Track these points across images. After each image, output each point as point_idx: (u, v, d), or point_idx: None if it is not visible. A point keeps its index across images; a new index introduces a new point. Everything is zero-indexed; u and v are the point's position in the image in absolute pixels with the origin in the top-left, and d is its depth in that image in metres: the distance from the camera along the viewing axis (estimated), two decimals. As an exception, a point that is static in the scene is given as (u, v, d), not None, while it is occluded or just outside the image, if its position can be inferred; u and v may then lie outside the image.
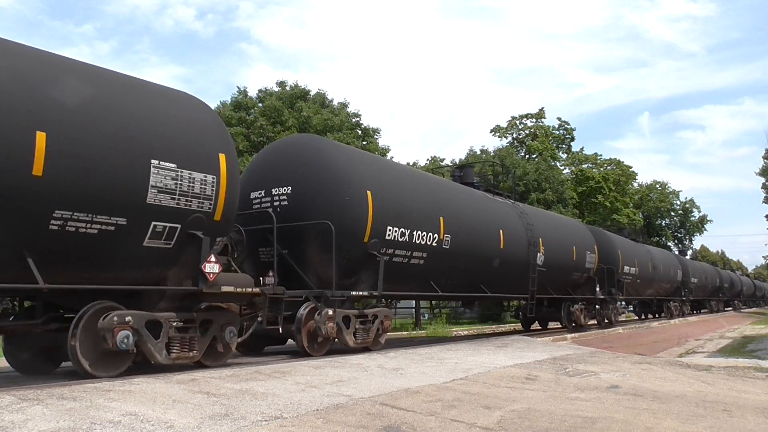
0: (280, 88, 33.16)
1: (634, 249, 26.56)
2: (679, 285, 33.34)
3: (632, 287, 25.65)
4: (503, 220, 15.42)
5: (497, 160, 42.41)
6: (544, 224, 17.90)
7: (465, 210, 13.98)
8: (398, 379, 7.34)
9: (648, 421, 5.58)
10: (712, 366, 10.50)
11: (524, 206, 18.52)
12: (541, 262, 16.62)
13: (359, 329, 10.75)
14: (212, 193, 7.94)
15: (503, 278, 15.30)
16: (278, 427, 4.75)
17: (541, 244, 16.73)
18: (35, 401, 5.13)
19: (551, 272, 17.30)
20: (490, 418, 5.44)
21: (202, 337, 8.10)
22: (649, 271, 27.47)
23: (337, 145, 12.03)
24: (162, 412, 5.02)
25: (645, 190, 70.32)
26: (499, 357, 10.20)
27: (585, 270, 19.96)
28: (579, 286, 20.05)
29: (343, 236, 10.10)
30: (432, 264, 12.34)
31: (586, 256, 19.86)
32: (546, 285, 17.28)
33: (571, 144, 56.92)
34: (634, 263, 25.18)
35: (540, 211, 21.26)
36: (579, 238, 20.12)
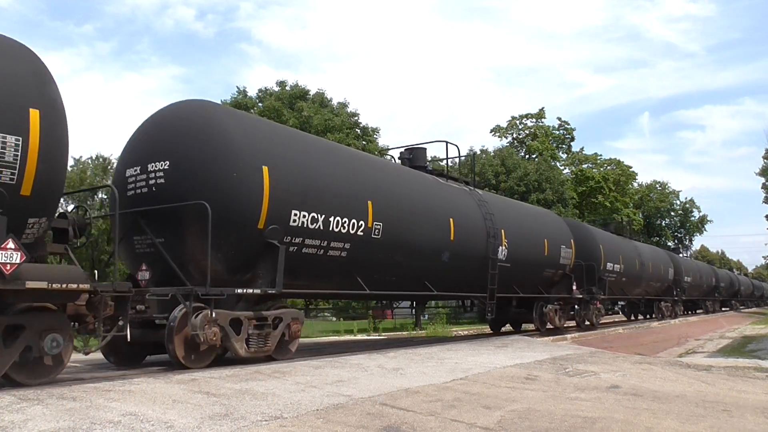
0: (280, 88, 33.18)
1: (619, 244, 24.56)
2: (671, 284, 31.13)
3: (617, 286, 23.55)
4: (456, 208, 13.46)
5: (498, 160, 42.39)
6: (508, 214, 16.03)
7: (403, 195, 12.00)
8: (398, 379, 7.34)
9: (648, 421, 5.58)
10: (712, 366, 10.50)
11: (485, 194, 16.33)
12: (503, 257, 14.75)
13: (254, 335, 8.83)
14: (15, 159, 6.18)
15: (455, 274, 13.40)
16: (278, 427, 4.75)
17: (503, 237, 14.85)
18: (35, 401, 5.13)
19: (517, 268, 15.51)
20: (490, 418, 5.44)
21: (7, 349, 6.29)
22: (636, 269, 25.37)
23: (230, 112, 9.94)
24: (162, 412, 5.02)
25: (645, 190, 70.34)
26: (499, 357, 10.20)
27: (559, 266, 18.04)
28: (553, 285, 18.23)
29: (230, 221, 8.41)
30: (358, 256, 10.55)
31: (560, 250, 17.95)
32: (511, 282, 15.55)
33: (571, 144, 56.96)
34: (619, 260, 23.08)
35: (505, 200, 18.71)
36: (552, 230, 18.18)
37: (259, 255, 8.89)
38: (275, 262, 8.88)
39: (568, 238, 18.85)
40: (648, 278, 27.25)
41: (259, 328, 8.93)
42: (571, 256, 18.62)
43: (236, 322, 8.60)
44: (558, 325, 17.87)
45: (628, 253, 24.94)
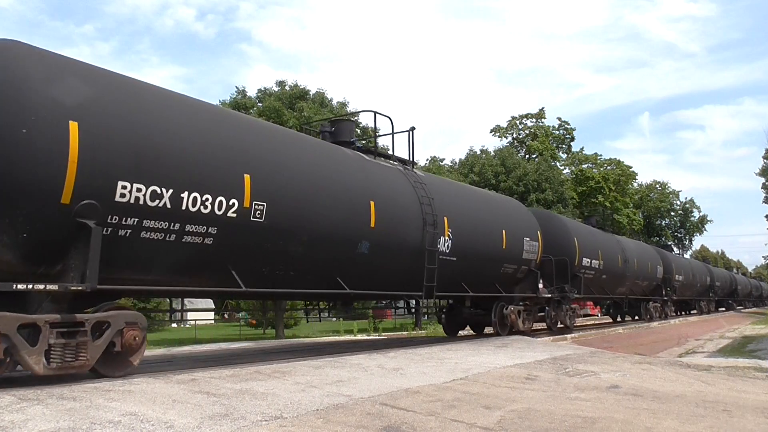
0: (280, 88, 33.17)
1: (599, 238, 22.17)
2: (660, 283, 28.90)
3: (596, 284, 21.12)
4: (379, 190, 11.09)
5: (498, 160, 42.41)
6: (454, 199, 13.67)
7: (301, 170, 9.54)
8: (398, 379, 7.34)
9: (648, 421, 5.58)
10: (712, 366, 10.50)
11: (428, 176, 14.08)
12: (446, 249, 12.52)
13: (58, 346, 6.49)
14: None
15: (380, 269, 11.16)
16: (278, 427, 4.75)
17: (446, 225, 12.56)
18: (35, 401, 5.13)
19: (466, 263, 13.28)
20: (490, 418, 5.44)
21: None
22: (619, 266, 23.05)
23: (37, 54, 7.12)
24: (162, 412, 5.02)
25: (645, 190, 70.42)
26: (499, 357, 10.19)
27: (523, 261, 15.74)
28: (517, 283, 16.00)
29: (19, 193, 6.33)
30: (232, 245, 8.28)
31: (523, 243, 15.71)
32: (459, 279, 13.47)
33: (571, 144, 57.06)
34: (598, 255, 20.65)
35: (451, 183, 16.28)
36: (514, 220, 15.85)
37: (69, 240, 6.68)
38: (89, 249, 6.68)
39: (535, 229, 16.60)
40: (633, 276, 25.00)
41: (69, 337, 6.65)
42: (537, 249, 16.37)
43: (33, 329, 6.40)
44: (522, 328, 15.62)
45: (610, 248, 22.65)
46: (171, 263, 7.87)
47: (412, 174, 12.57)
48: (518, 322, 15.45)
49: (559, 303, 18.00)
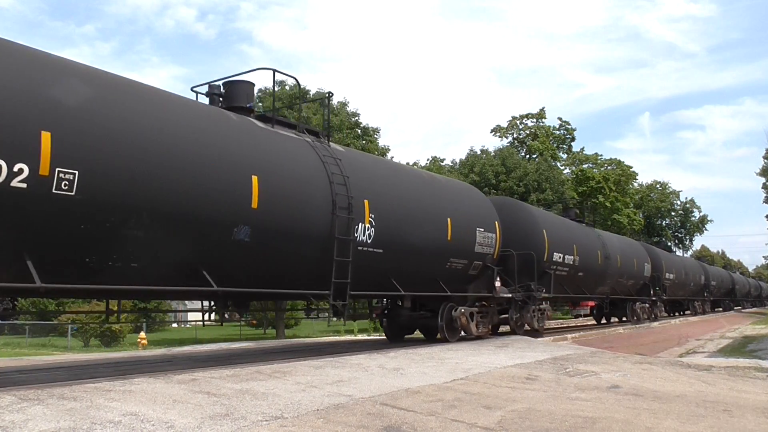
0: (280, 88, 33.21)
1: (574, 231, 19.76)
2: (648, 282, 26.63)
3: (570, 282, 18.79)
4: (268, 163, 8.90)
5: (498, 160, 42.41)
6: (381, 180, 11.38)
7: (141, 133, 7.24)
8: (399, 379, 7.34)
9: (648, 421, 5.58)
10: (712, 366, 10.50)
11: (347, 150, 11.77)
12: (367, 239, 10.39)
13: None
14: None
15: (267, 262, 9.05)
16: (279, 427, 4.75)
17: (367, 210, 10.44)
18: (36, 401, 5.13)
19: (396, 256, 11.17)
20: (490, 418, 5.44)
21: None
22: (599, 262, 20.71)
23: None
24: (162, 412, 5.02)
25: (645, 191, 70.42)
26: (499, 357, 10.19)
27: (475, 256, 13.56)
28: (470, 280, 13.88)
29: None
30: (24, 225, 6.31)
31: (476, 235, 13.48)
32: (387, 275, 11.32)
33: (571, 144, 57.08)
34: (572, 250, 18.40)
35: (378, 160, 13.73)
36: (463, 207, 13.60)
37: None
38: None
39: (492, 219, 14.41)
40: (616, 274, 22.67)
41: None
42: (494, 242, 14.19)
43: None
44: (475, 332, 13.74)
45: (588, 242, 20.37)
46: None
47: (324, 147, 10.31)
48: (470, 326, 13.54)
49: (526, 305, 15.90)
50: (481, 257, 13.78)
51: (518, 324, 16.00)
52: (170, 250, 7.75)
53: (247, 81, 10.18)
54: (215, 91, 9.86)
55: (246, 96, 10.06)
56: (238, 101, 9.83)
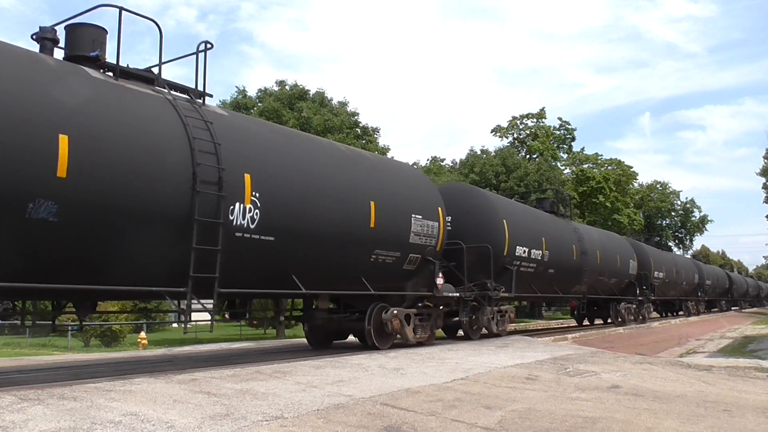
0: (279, 88, 33.23)
1: (543, 224, 17.67)
2: (634, 280, 24.67)
3: (539, 280, 16.80)
4: (91, 122, 6.95)
5: (498, 160, 42.42)
6: (271, 149, 9.23)
7: None
8: (399, 379, 7.34)
9: (648, 421, 5.58)
10: (712, 366, 10.50)
11: (230, 114, 9.80)
12: (251, 223, 8.42)
13: None
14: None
15: (88, 250, 7.07)
16: (279, 427, 4.75)
17: (248, 187, 8.40)
18: (36, 401, 5.13)
19: (292, 245, 9.16)
20: (490, 418, 5.44)
21: None
22: (574, 258, 18.73)
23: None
24: (163, 412, 5.02)
25: (645, 190, 70.43)
26: (499, 357, 10.20)
27: (410, 248, 11.53)
28: (407, 277, 11.90)
29: None
30: None
31: (411, 222, 11.48)
32: (286, 270, 9.31)
33: (571, 144, 57.10)
34: (540, 243, 16.44)
35: (270, 127, 10.93)
36: (393, 188, 11.51)
37: None
38: None
39: (433, 205, 12.37)
40: (595, 271, 20.42)
41: None
42: (436, 232, 12.17)
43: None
44: (412, 338, 11.81)
45: (560, 236, 18.24)
46: None
47: (192, 108, 8.28)
48: (405, 331, 11.61)
49: (480, 304, 14.18)
50: (418, 249, 11.77)
51: (473, 328, 14.26)
52: None
53: (95, 25, 8.19)
54: (48, 36, 7.78)
55: (91, 43, 8.01)
56: (80, 49, 7.91)
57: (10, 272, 6.39)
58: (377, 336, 11.25)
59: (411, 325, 11.83)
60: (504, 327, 15.34)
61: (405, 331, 11.61)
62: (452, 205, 13.64)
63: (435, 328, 12.82)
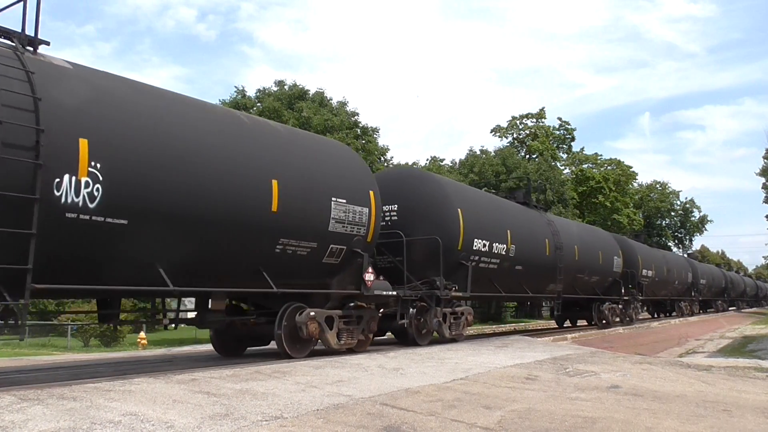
0: (279, 88, 33.23)
1: (510, 214, 15.82)
2: (619, 279, 22.56)
3: (504, 278, 14.96)
4: None
5: (498, 160, 42.43)
6: (125, 110, 7.39)
7: None
8: (398, 379, 7.35)
9: (648, 421, 5.58)
10: (712, 366, 10.50)
11: (72, 66, 7.40)
12: (88, 201, 6.72)
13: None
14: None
15: None
16: (278, 427, 4.76)
17: (84, 155, 6.69)
18: (36, 401, 5.13)
19: (156, 231, 7.52)
20: (490, 418, 5.44)
21: None
22: (547, 254, 16.89)
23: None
24: (162, 412, 5.02)
25: (645, 191, 70.44)
26: (499, 357, 10.20)
27: (331, 238, 9.83)
28: (330, 272, 10.18)
29: None
30: None
31: (330, 207, 9.74)
32: (154, 262, 7.63)
33: (571, 144, 57.07)
34: (504, 237, 14.55)
35: (126, 83, 8.00)
36: (306, 165, 9.66)
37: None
38: None
39: (362, 188, 10.59)
40: (573, 269, 18.55)
41: None
42: (366, 220, 10.43)
43: None
44: (335, 344, 10.06)
45: (530, 229, 16.52)
46: None
47: (10, 55, 6.66)
48: (327, 336, 9.88)
49: (428, 305, 12.35)
50: (342, 239, 10.05)
51: (421, 332, 12.36)
52: None
53: None
54: None
55: None
56: None
57: None
58: (290, 342, 9.49)
59: (334, 330, 10.09)
60: (460, 331, 13.52)
61: (326, 336, 9.93)
62: (399, 192, 12.47)
63: (369, 333, 11.01)
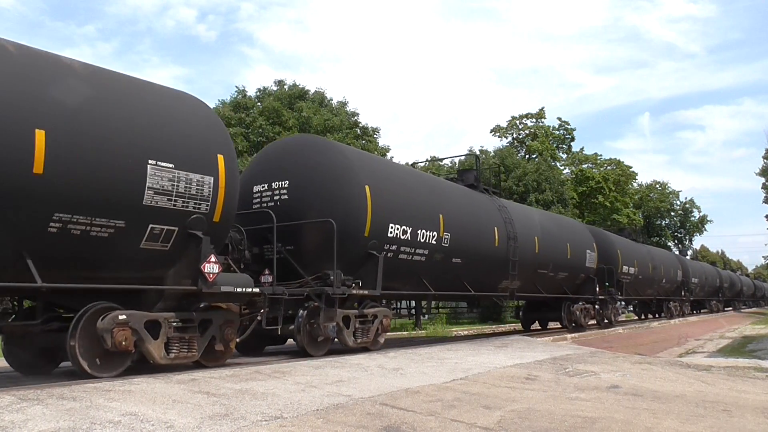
0: (279, 88, 33.22)
1: (442, 195, 13.15)
2: (594, 275, 19.95)
3: (436, 273, 12.53)
4: None
5: (498, 160, 42.44)
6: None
7: None
8: (398, 379, 7.34)
9: (648, 421, 5.58)
10: (712, 366, 10.50)
11: None
12: None
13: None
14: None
15: None
16: (278, 427, 4.75)
17: None
18: (35, 401, 5.13)
19: None
20: (490, 418, 5.44)
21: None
22: (496, 245, 14.49)
23: None
24: (162, 412, 5.02)
25: (645, 191, 70.42)
26: (499, 357, 10.20)
27: (151, 216, 7.32)
28: (151, 263, 7.65)
29: None
30: None
31: (146, 172, 7.21)
32: None
33: (571, 144, 57.00)
34: (435, 223, 12.13)
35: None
36: (86, 111, 6.84)
37: None
38: None
39: (206, 149, 8.06)
40: (532, 263, 16.13)
41: None
42: (211, 193, 7.91)
43: None
44: (160, 359, 7.59)
45: (475, 215, 13.97)
46: None
47: None
48: (150, 348, 7.49)
49: (315, 307, 9.82)
50: (170, 218, 7.54)
51: (314, 339, 9.81)
52: None
53: None
54: None
55: None
56: None
57: None
58: (88, 356, 7.03)
59: (161, 339, 7.57)
60: (370, 338, 10.96)
61: (148, 347, 7.47)
62: (292, 166, 10.24)
63: (224, 342, 8.36)
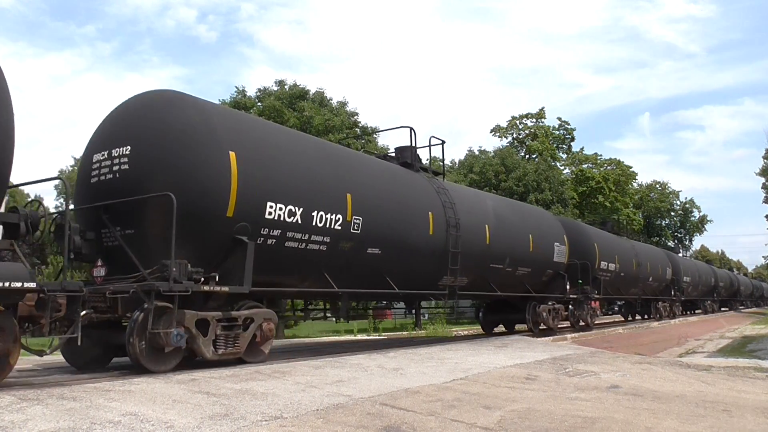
0: (279, 88, 33.23)
1: (348, 168, 10.66)
2: (564, 271, 17.68)
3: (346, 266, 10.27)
4: None
5: (497, 160, 42.44)
6: None
7: None
8: (398, 379, 7.34)
9: (648, 421, 5.58)
10: (712, 366, 10.50)
11: None
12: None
13: None
14: None
15: None
16: (278, 427, 4.75)
17: None
18: (35, 401, 5.13)
19: None
20: (490, 418, 5.44)
21: None
22: (430, 233, 12.17)
23: None
24: (162, 412, 5.02)
25: (645, 191, 70.45)
26: (499, 357, 10.19)
27: None
28: None
29: None
30: None
31: None
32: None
33: (571, 144, 57.02)
34: (342, 205, 9.93)
35: None
36: None
37: None
38: None
39: None
40: (485, 257, 14.03)
41: None
42: None
43: None
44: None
45: (401, 196, 11.72)
46: None
47: None
48: None
49: (159, 308, 7.33)
50: None
51: (158, 350, 7.39)
52: None
53: None
54: None
55: None
56: None
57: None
58: None
59: None
60: (238, 347, 8.35)
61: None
62: (135, 129, 8.07)
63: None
